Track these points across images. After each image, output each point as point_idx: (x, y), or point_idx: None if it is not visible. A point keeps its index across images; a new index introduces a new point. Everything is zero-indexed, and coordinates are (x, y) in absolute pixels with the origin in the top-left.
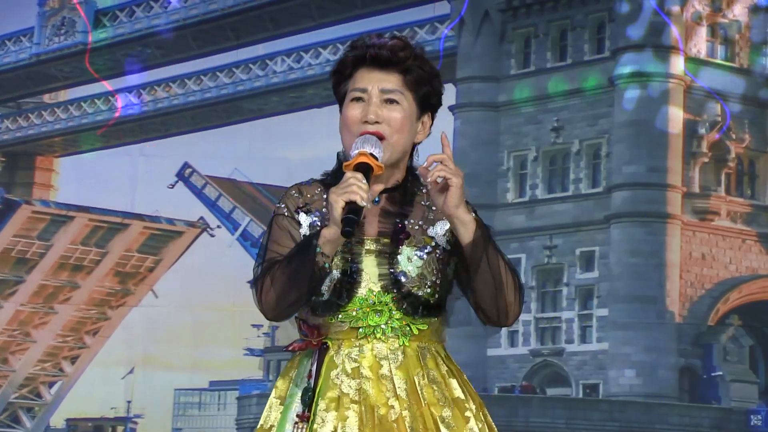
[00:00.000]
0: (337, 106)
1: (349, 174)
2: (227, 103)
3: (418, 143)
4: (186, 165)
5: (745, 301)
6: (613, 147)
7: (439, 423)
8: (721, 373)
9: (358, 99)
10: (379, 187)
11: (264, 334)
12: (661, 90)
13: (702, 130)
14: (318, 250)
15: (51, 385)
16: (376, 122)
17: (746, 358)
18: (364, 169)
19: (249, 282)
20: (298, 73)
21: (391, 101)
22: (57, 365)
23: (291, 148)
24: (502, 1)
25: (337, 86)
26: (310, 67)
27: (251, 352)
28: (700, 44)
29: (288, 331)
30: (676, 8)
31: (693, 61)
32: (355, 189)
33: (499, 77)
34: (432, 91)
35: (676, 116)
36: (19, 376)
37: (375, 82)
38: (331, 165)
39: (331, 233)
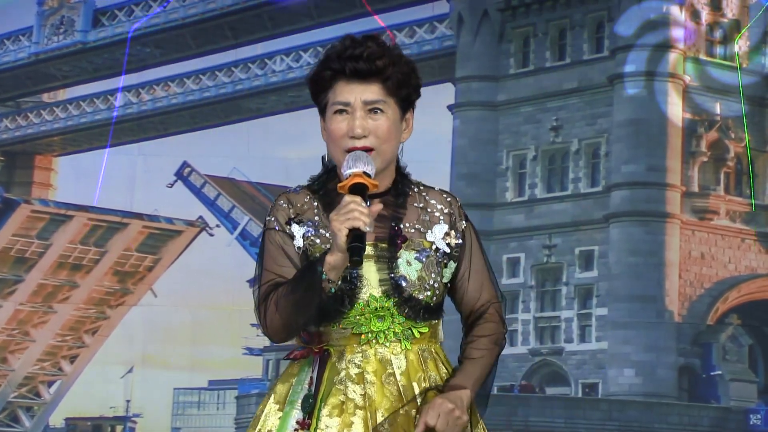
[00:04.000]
0: None
1: (348, 198)
2: (226, 103)
3: (404, 141)
4: (185, 164)
5: (744, 300)
6: (612, 146)
7: None
8: (720, 372)
9: (342, 111)
10: (377, 207)
11: (263, 333)
12: (660, 89)
13: (701, 130)
14: (324, 277)
15: (50, 384)
16: (363, 136)
17: (745, 358)
18: (361, 190)
19: (248, 281)
20: (296, 72)
21: (375, 110)
22: (56, 364)
23: (290, 147)
24: (501, 0)
25: (315, 96)
26: (309, 66)
27: (250, 351)
28: (699, 43)
29: None
30: (675, 7)
31: (692, 60)
32: (357, 215)
33: (497, 76)
34: (412, 89)
35: (675, 115)
36: (18, 375)
37: (357, 94)
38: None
39: (335, 260)
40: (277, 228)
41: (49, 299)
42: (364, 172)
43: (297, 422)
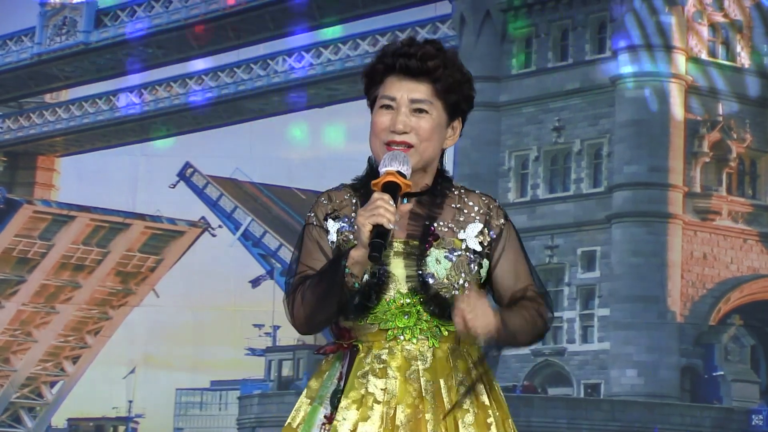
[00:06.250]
0: (337, 107)
1: (376, 195)
2: (229, 103)
3: (447, 147)
4: (187, 165)
5: (746, 301)
6: (615, 147)
7: (460, 426)
8: (722, 372)
9: (387, 107)
10: (406, 207)
11: (265, 333)
12: (663, 90)
13: (703, 130)
14: (347, 271)
15: (52, 384)
16: (404, 132)
17: (747, 358)
18: (392, 189)
19: (250, 282)
20: (299, 73)
21: (420, 111)
22: (58, 365)
23: (292, 148)
24: (503, 0)
25: (368, 90)
26: (311, 67)
27: (252, 351)
28: (701, 44)
29: (290, 332)
30: (677, 8)
31: (694, 61)
32: (382, 212)
33: (500, 77)
34: (462, 97)
35: (677, 116)
36: (21, 375)
37: (404, 91)
38: (330, 165)
39: (359, 255)
40: (315, 223)
41: (52, 300)
42: (398, 172)
43: (324, 416)
